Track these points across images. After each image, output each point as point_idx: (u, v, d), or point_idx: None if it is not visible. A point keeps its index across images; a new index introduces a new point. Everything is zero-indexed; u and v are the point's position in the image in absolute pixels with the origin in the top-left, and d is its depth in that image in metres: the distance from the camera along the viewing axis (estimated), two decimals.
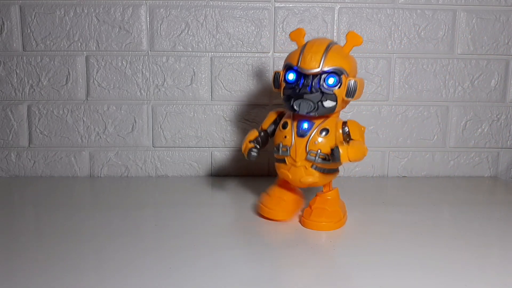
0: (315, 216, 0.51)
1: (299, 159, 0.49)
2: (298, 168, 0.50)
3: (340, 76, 0.47)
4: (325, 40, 0.50)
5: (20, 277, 0.39)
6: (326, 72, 0.47)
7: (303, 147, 0.49)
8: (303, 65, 0.48)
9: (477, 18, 0.74)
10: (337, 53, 0.48)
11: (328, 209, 0.52)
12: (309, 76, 0.48)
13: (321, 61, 0.47)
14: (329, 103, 0.48)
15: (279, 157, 0.51)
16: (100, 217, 0.55)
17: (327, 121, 0.50)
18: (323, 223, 0.51)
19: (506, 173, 0.79)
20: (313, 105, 0.47)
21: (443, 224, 0.54)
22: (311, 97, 0.47)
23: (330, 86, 0.47)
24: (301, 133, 0.49)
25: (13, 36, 0.71)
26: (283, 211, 0.53)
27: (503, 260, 0.44)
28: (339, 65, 0.47)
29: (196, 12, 0.72)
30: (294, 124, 0.50)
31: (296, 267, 0.42)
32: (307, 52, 0.48)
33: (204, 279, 0.39)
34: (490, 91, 0.76)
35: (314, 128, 0.49)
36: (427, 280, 0.39)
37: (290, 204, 0.54)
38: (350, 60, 0.50)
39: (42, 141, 0.74)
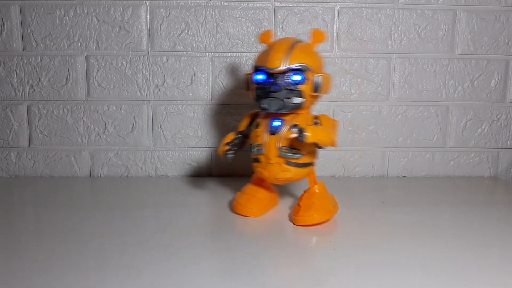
0: (303, 211, 0.52)
1: (273, 156, 0.51)
2: (272, 165, 0.51)
3: (305, 72, 0.49)
4: (290, 39, 0.52)
5: (20, 277, 0.39)
6: (291, 69, 0.49)
7: (275, 145, 0.51)
8: (268, 65, 0.49)
9: (477, 18, 0.74)
10: (301, 51, 0.50)
11: (316, 202, 0.53)
12: (276, 75, 0.49)
13: (285, 59, 0.49)
14: (297, 99, 0.49)
15: (255, 156, 0.53)
16: (100, 217, 0.54)
17: (298, 117, 0.51)
18: (313, 216, 0.51)
19: (506, 173, 0.79)
20: (280, 103, 0.49)
21: (443, 224, 0.54)
22: (278, 95, 0.49)
23: (296, 83, 0.49)
24: (273, 130, 0.51)
25: (13, 36, 0.71)
26: (255, 207, 0.55)
27: (503, 260, 0.44)
28: (303, 62, 0.49)
29: (196, 12, 0.72)
30: (266, 123, 0.52)
31: (296, 267, 0.42)
32: (272, 52, 0.50)
33: (204, 279, 0.39)
34: (490, 91, 0.76)
35: (285, 125, 0.51)
36: (427, 280, 0.39)
37: (263, 201, 0.56)
38: (315, 56, 0.51)
39: (42, 141, 0.74)
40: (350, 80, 0.74)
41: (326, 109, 0.74)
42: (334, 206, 0.55)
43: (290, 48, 0.49)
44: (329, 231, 0.51)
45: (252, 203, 0.55)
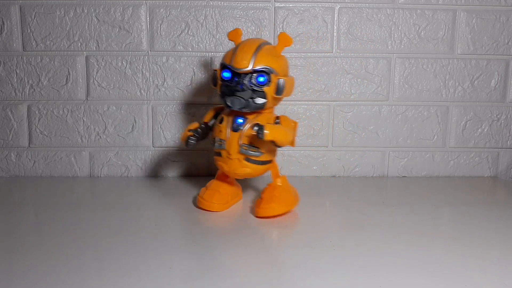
0: (265, 203, 0.54)
1: (233, 152, 0.53)
2: (232, 161, 0.53)
3: (269, 75, 0.51)
4: (258, 40, 0.53)
5: (19, 277, 0.39)
6: (256, 71, 0.50)
7: (236, 141, 0.53)
8: (234, 64, 0.51)
9: (477, 18, 0.74)
10: (267, 53, 0.52)
11: (277, 194, 0.55)
12: (241, 75, 0.51)
13: (251, 60, 0.50)
14: (259, 100, 0.51)
15: (216, 150, 0.55)
16: (100, 217, 0.54)
17: (260, 116, 0.53)
18: (274, 208, 0.54)
19: (506, 173, 0.79)
20: (244, 102, 0.51)
21: (443, 224, 0.54)
22: (243, 94, 0.51)
23: (260, 84, 0.51)
24: (235, 127, 0.53)
25: (13, 36, 0.71)
26: (217, 202, 0.56)
27: (503, 260, 0.43)
28: (268, 65, 0.51)
29: (196, 12, 0.72)
30: (229, 120, 0.54)
31: (297, 267, 0.42)
32: (239, 52, 0.51)
33: (204, 279, 0.39)
34: (490, 91, 0.76)
35: (247, 123, 0.53)
36: (427, 280, 0.39)
37: (226, 195, 0.57)
38: (281, 60, 0.53)
39: (42, 141, 0.74)
40: (350, 80, 0.74)
41: (326, 109, 0.74)
42: (295, 198, 0.57)
43: (256, 50, 0.51)
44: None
45: (215, 198, 0.56)
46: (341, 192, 0.68)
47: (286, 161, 0.76)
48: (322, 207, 0.60)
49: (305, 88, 0.74)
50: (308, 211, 0.57)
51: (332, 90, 0.74)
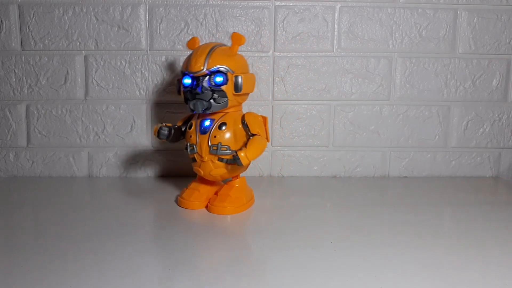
0: (218, 201, 0.56)
1: (205, 154, 0.55)
2: (206, 163, 0.55)
3: (226, 74, 0.53)
4: (212, 43, 0.55)
5: (19, 277, 0.38)
6: (212, 72, 0.52)
7: (206, 143, 0.55)
8: (190, 69, 0.53)
9: (479, 17, 0.73)
10: (220, 54, 0.54)
11: (232, 195, 0.57)
12: (199, 78, 0.53)
13: (205, 62, 0.52)
14: (221, 99, 0.53)
15: (190, 156, 0.56)
16: (99, 218, 0.54)
17: (226, 116, 0.55)
18: (226, 208, 0.56)
19: (507, 173, 0.79)
20: (206, 103, 0.53)
21: (445, 224, 0.54)
22: (203, 96, 0.53)
23: (218, 84, 0.53)
24: (203, 130, 0.55)
25: (12, 36, 0.71)
26: (196, 201, 0.58)
27: (504, 261, 0.43)
28: (222, 64, 0.53)
29: (195, 11, 0.71)
30: (197, 123, 0.56)
31: (297, 268, 0.41)
32: (193, 57, 0.53)
33: (204, 279, 0.38)
34: (491, 91, 0.75)
35: (214, 124, 0.55)
36: (428, 281, 0.39)
37: (204, 194, 0.58)
38: (236, 58, 0.55)
39: (41, 141, 0.74)
40: (351, 80, 0.74)
41: (327, 109, 0.74)
42: (249, 200, 0.59)
43: (209, 52, 0.53)
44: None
45: (193, 197, 0.58)
46: (342, 192, 0.67)
47: (286, 161, 0.75)
48: (323, 208, 0.60)
49: (306, 88, 0.74)
50: (309, 212, 0.57)
51: (332, 90, 0.74)
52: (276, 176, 0.76)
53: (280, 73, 0.73)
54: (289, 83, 0.73)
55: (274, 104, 0.74)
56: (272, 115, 0.74)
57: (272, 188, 0.70)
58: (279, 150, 0.75)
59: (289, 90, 0.73)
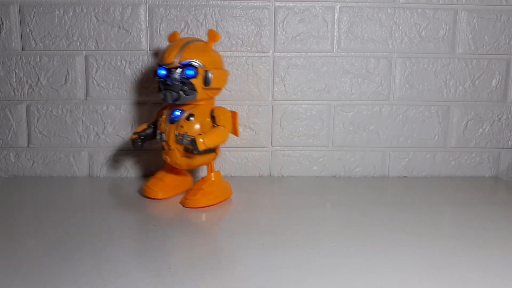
0: (191, 195, 0.58)
1: (172, 143, 0.57)
2: (173, 151, 0.57)
3: (196, 68, 0.55)
4: (188, 38, 0.58)
5: (19, 277, 0.38)
6: (184, 64, 0.55)
7: (173, 132, 0.57)
8: (164, 61, 0.56)
9: (478, 17, 0.73)
10: (194, 48, 0.56)
11: (205, 189, 0.59)
12: (172, 70, 0.55)
13: (177, 55, 0.55)
14: (189, 91, 0.56)
15: (160, 143, 0.59)
16: (99, 218, 0.54)
17: (195, 108, 0.58)
18: (199, 200, 0.57)
19: (507, 173, 0.79)
20: (175, 94, 0.55)
21: (444, 224, 0.54)
22: (173, 88, 0.55)
23: (188, 77, 0.55)
24: (172, 120, 0.57)
25: (12, 36, 0.71)
26: (160, 190, 0.60)
27: (504, 260, 0.43)
28: (195, 58, 0.55)
29: (195, 12, 0.71)
30: (168, 113, 0.58)
31: (297, 268, 0.41)
32: (168, 49, 0.56)
33: (204, 279, 0.38)
34: (491, 91, 0.76)
35: (183, 114, 0.57)
36: (427, 280, 0.39)
37: (169, 184, 0.61)
38: (209, 54, 0.58)
39: (41, 141, 0.74)
40: (351, 80, 0.74)
41: (327, 109, 0.74)
42: (225, 192, 0.61)
43: (184, 46, 0.56)
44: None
45: (157, 186, 0.60)
46: (342, 192, 0.67)
47: (286, 161, 0.75)
48: (323, 208, 0.60)
49: (306, 88, 0.74)
50: (309, 212, 0.57)
51: (332, 90, 0.74)
52: (276, 176, 0.76)
53: (280, 73, 0.73)
54: (289, 83, 0.73)
55: (274, 104, 0.74)
56: (272, 115, 0.74)
57: (272, 188, 0.70)
58: (279, 150, 0.75)
59: (289, 90, 0.74)
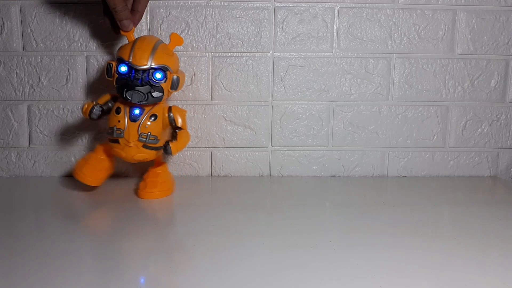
0: (149, 188, 0.62)
1: (132, 140, 0.58)
2: (131, 148, 0.59)
3: (165, 72, 0.57)
4: (152, 38, 0.59)
5: (19, 277, 0.39)
6: (154, 68, 0.56)
7: (135, 130, 0.58)
8: (134, 61, 0.56)
9: (477, 18, 0.74)
10: (163, 52, 0.58)
11: (160, 181, 0.63)
12: (140, 71, 0.56)
13: (149, 59, 0.56)
14: (157, 94, 0.57)
15: (114, 138, 0.59)
16: (100, 218, 0.54)
17: (155, 107, 0.60)
18: (155, 193, 0.62)
19: (506, 173, 0.79)
20: (143, 96, 0.56)
21: (443, 224, 0.54)
22: (142, 89, 0.56)
23: (158, 80, 0.57)
24: (133, 118, 0.58)
25: (13, 36, 0.71)
26: (92, 176, 0.61)
27: (503, 260, 0.44)
28: (165, 63, 0.57)
29: (196, 12, 0.72)
30: (126, 110, 0.59)
31: (297, 268, 0.42)
32: (137, 50, 0.57)
33: (204, 279, 0.39)
34: (490, 91, 0.76)
35: (145, 114, 0.59)
36: (427, 280, 0.39)
37: (101, 171, 0.63)
38: (174, 58, 0.60)
39: (42, 141, 0.74)
40: (350, 80, 0.74)
41: (326, 109, 0.75)
42: (173, 184, 0.66)
43: (153, 48, 0.57)
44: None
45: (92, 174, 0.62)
46: (341, 192, 0.68)
47: (286, 160, 0.76)
48: (322, 207, 0.60)
49: (305, 88, 0.74)
50: (308, 211, 0.58)
51: (332, 90, 0.74)
52: (276, 176, 0.76)
53: (279, 74, 0.73)
54: (289, 84, 0.74)
55: (274, 105, 0.74)
56: (272, 115, 0.74)
57: (271, 187, 0.71)
58: (278, 150, 0.76)
59: (289, 90, 0.74)
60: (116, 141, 0.59)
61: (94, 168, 0.62)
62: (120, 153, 0.59)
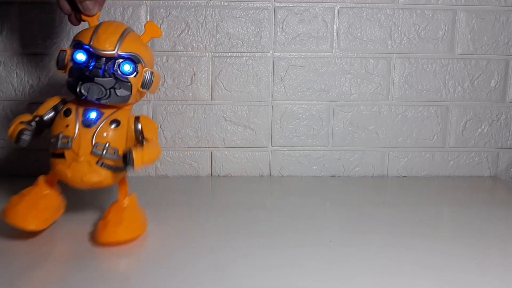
0: (111, 226, 0.45)
1: (83, 153, 0.42)
2: (80, 164, 0.42)
3: (136, 64, 0.44)
4: (122, 24, 0.46)
5: (20, 277, 0.39)
6: (122, 57, 0.43)
7: (88, 139, 0.43)
8: (96, 45, 0.42)
9: (477, 18, 0.74)
10: (135, 39, 0.45)
11: (125, 217, 0.46)
12: (102, 59, 0.43)
13: (117, 43, 0.43)
14: (123, 91, 0.44)
15: (58, 151, 0.43)
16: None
17: (119, 112, 0.45)
18: (121, 232, 0.45)
19: (506, 173, 0.79)
20: (104, 91, 0.42)
21: (443, 224, 0.54)
22: (103, 82, 0.42)
23: (126, 73, 0.43)
24: (87, 122, 0.43)
25: (13, 36, 0.71)
26: (35, 219, 0.44)
27: (503, 260, 0.44)
28: (136, 52, 0.44)
29: (196, 12, 0.72)
30: (79, 112, 0.44)
31: (297, 267, 0.42)
32: (103, 32, 0.43)
33: (204, 279, 0.39)
34: (490, 91, 0.76)
35: (104, 118, 0.44)
36: (427, 280, 0.39)
37: (46, 211, 0.46)
38: (148, 50, 0.47)
39: (43, 141, 0.74)
40: (350, 80, 0.74)
41: (326, 109, 0.75)
42: (144, 222, 0.49)
43: (123, 33, 0.44)
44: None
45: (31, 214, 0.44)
46: (341, 192, 0.68)
47: (286, 161, 0.76)
48: (322, 207, 0.60)
49: (305, 88, 0.74)
50: (308, 211, 0.58)
51: (332, 90, 0.74)
52: (276, 176, 0.76)
53: (279, 74, 0.73)
54: (289, 84, 0.74)
55: (274, 105, 0.74)
56: (272, 115, 0.74)
57: (271, 187, 0.71)
58: (278, 150, 0.76)
59: (289, 90, 0.74)
60: (60, 155, 0.43)
61: (34, 206, 0.45)
62: (65, 173, 0.43)
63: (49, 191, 0.47)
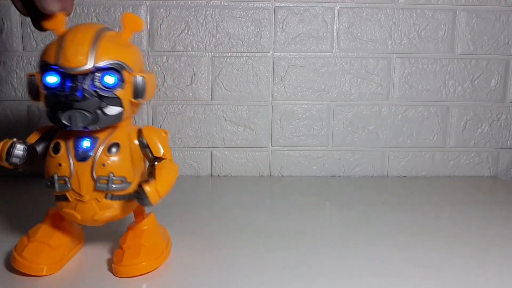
0: (129, 258, 0.39)
1: (86, 192, 0.37)
2: (87, 204, 0.37)
3: (120, 72, 0.36)
4: (94, 25, 0.36)
5: (20, 277, 0.39)
6: (100, 68, 0.35)
7: (88, 175, 0.36)
8: (65, 62, 0.34)
9: (477, 18, 0.74)
10: (112, 42, 0.36)
11: (146, 244, 0.40)
12: (78, 76, 0.34)
13: (89, 54, 0.34)
14: (113, 109, 0.36)
15: (58, 193, 0.38)
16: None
17: (116, 132, 0.38)
18: (141, 265, 0.39)
19: (506, 173, 0.79)
20: (90, 116, 0.35)
21: (443, 224, 0.54)
22: (85, 105, 0.34)
23: (110, 86, 0.35)
24: (82, 155, 0.37)
25: (13, 36, 0.71)
26: (46, 262, 0.38)
27: (503, 260, 0.44)
28: (117, 58, 0.35)
29: (196, 12, 0.72)
30: (69, 145, 0.37)
31: (297, 267, 0.42)
32: (69, 44, 0.34)
33: (204, 279, 0.39)
34: (490, 91, 0.76)
35: (99, 144, 0.37)
36: (427, 280, 0.39)
37: (60, 250, 0.40)
38: (132, 50, 0.38)
39: None
40: (350, 80, 0.74)
41: (326, 109, 0.74)
42: (167, 245, 0.43)
43: (95, 39, 0.35)
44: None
45: (43, 257, 0.38)
46: (341, 192, 0.68)
47: (286, 161, 0.76)
48: (322, 207, 0.60)
49: (305, 88, 0.74)
50: (308, 211, 0.58)
51: (332, 90, 0.74)
52: (276, 176, 0.76)
53: (279, 74, 0.73)
54: (289, 84, 0.74)
55: (274, 105, 0.74)
56: (272, 115, 0.74)
57: (271, 187, 0.71)
58: (278, 150, 0.76)
59: (289, 90, 0.74)
60: (63, 197, 0.37)
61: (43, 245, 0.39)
62: (74, 215, 0.38)
63: (62, 224, 0.41)
